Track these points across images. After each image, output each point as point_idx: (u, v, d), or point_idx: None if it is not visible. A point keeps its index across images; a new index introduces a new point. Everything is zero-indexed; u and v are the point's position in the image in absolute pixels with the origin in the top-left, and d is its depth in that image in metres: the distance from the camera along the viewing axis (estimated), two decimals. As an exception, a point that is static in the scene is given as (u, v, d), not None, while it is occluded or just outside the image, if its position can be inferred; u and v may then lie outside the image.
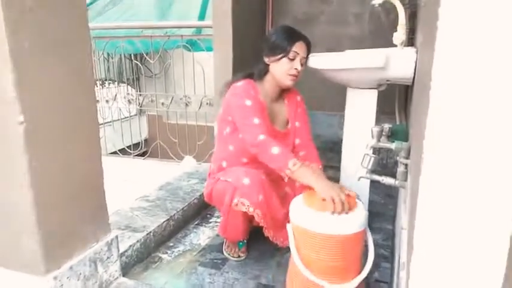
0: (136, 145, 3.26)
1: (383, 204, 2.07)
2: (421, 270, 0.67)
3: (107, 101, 3.13)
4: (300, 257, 1.23)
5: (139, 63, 3.42)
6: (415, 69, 1.46)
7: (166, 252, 1.63)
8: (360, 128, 1.68)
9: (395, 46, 1.72)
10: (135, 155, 3.04)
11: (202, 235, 1.78)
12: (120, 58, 3.96)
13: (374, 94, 1.68)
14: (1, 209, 1.04)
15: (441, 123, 0.64)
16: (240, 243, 1.58)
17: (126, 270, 1.41)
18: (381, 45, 1.86)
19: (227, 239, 1.59)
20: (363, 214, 1.22)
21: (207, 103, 2.71)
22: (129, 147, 3.13)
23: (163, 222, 1.68)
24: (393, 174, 1.38)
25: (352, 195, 1.26)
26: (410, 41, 2.02)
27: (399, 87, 2.28)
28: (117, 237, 1.29)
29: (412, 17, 2.09)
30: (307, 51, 1.50)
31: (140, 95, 3.19)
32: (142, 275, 1.46)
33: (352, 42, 2.45)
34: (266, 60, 1.50)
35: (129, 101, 3.15)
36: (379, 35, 2.32)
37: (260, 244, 1.61)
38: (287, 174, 1.33)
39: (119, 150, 3.18)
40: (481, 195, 0.62)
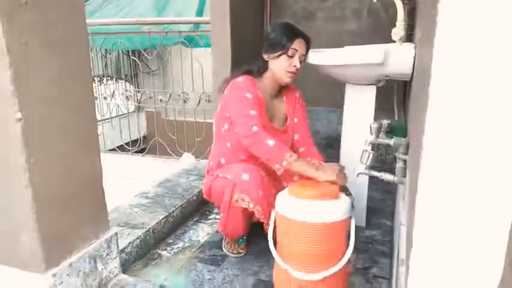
0: (135, 142, 3.25)
1: (382, 200, 2.08)
2: (420, 266, 0.67)
3: (104, 98, 3.11)
4: (281, 245, 1.25)
5: (137, 60, 3.41)
6: (413, 65, 1.46)
7: (166, 249, 1.63)
8: (359, 124, 1.68)
9: (394, 42, 1.72)
10: (134, 152, 3.03)
11: (202, 232, 1.78)
12: (118, 54, 3.95)
13: (373, 90, 1.68)
14: (1, 206, 1.04)
15: (440, 119, 0.64)
16: (240, 240, 1.58)
17: (125, 267, 1.41)
18: (379, 41, 1.86)
19: (227, 236, 1.59)
20: (343, 204, 1.22)
21: (206, 99, 2.71)
22: (127, 144, 3.12)
23: (162, 219, 1.68)
24: (392, 170, 1.38)
25: (337, 184, 1.28)
26: (409, 37, 2.02)
27: (398, 83, 2.28)
28: (117, 234, 1.29)
29: (411, 13, 2.09)
30: (306, 48, 1.50)
31: (138, 91, 3.17)
32: (142, 272, 1.47)
33: (351, 37, 2.44)
34: (265, 57, 1.50)
35: (127, 97, 3.14)
36: (378, 30, 2.31)
37: (259, 240, 1.62)
38: (284, 165, 1.33)
39: (117, 147, 3.17)
40: (480, 191, 0.62)
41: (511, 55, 0.57)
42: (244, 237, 1.59)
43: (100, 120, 3.20)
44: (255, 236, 1.62)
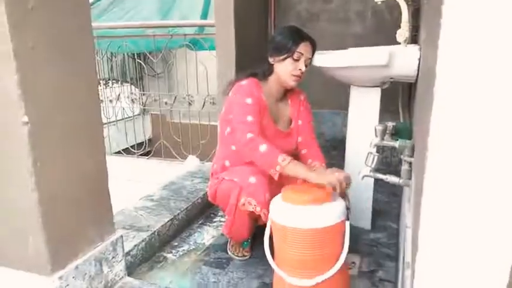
0: (140, 144, 3.27)
1: (387, 203, 2.06)
2: (426, 270, 0.67)
3: (110, 101, 3.13)
4: (277, 251, 1.25)
5: (142, 63, 3.43)
6: (418, 67, 1.45)
7: (171, 252, 1.63)
8: (364, 126, 1.68)
9: (398, 43, 1.71)
10: (139, 155, 3.05)
11: (207, 234, 1.78)
12: (123, 58, 3.97)
13: (377, 92, 1.68)
14: (7, 209, 1.05)
15: (445, 121, 0.64)
16: (245, 243, 1.58)
17: (131, 269, 1.42)
18: (384, 42, 1.85)
19: (232, 239, 1.59)
20: (335, 208, 1.21)
21: (210, 102, 2.71)
22: (132, 147, 3.14)
23: (167, 221, 1.69)
24: (397, 173, 1.38)
25: (328, 188, 1.25)
26: (414, 38, 2.01)
27: (403, 85, 2.27)
28: (122, 236, 1.30)
29: (416, 14, 2.08)
30: (312, 51, 1.50)
31: (143, 94, 3.19)
32: (147, 275, 1.47)
33: (355, 40, 2.44)
34: (270, 60, 1.50)
35: (133, 100, 3.16)
36: (383, 32, 2.31)
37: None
38: (277, 170, 1.32)
39: (122, 149, 3.19)
40: (486, 193, 0.62)
41: (516, 57, 0.56)
42: (249, 240, 1.59)
43: (106, 123, 3.22)
44: (260, 239, 1.61)
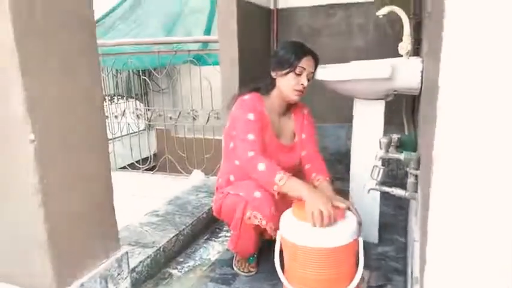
0: (146, 159, 3.28)
1: (394, 216, 2.04)
2: (435, 285, 0.66)
3: (115, 117, 3.16)
4: (289, 268, 1.24)
5: (147, 79, 3.46)
6: (421, 79, 1.46)
7: (177, 268, 1.62)
8: (368, 139, 1.67)
9: (401, 56, 1.72)
10: (145, 170, 3.05)
11: (212, 250, 1.77)
12: (129, 74, 4.02)
13: (381, 105, 1.68)
14: (12, 227, 1.05)
15: (449, 134, 0.64)
16: (251, 258, 1.57)
17: (136, 286, 1.41)
18: (386, 55, 1.87)
19: (238, 254, 1.57)
20: (350, 226, 1.20)
21: (215, 117, 2.73)
22: (138, 162, 3.15)
23: (172, 237, 1.68)
24: (403, 186, 1.37)
25: (341, 206, 1.25)
26: (416, 51, 2.02)
27: (406, 97, 2.27)
28: (127, 253, 1.29)
29: (417, 28, 2.10)
30: (314, 66, 1.51)
31: (148, 109, 3.22)
32: (152, 291, 1.46)
33: (358, 53, 2.46)
34: (273, 74, 1.51)
35: (138, 116, 3.18)
36: (385, 45, 2.32)
37: (271, 258, 1.59)
38: (275, 190, 1.32)
39: (128, 165, 3.20)
40: (493, 207, 0.61)
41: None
42: (255, 256, 1.58)
43: (111, 139, 3.24)
44: (266, 254, 1.60)
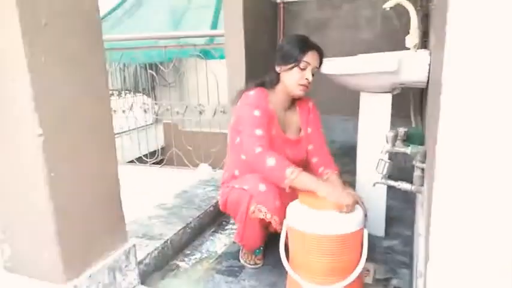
0: (153, 153, 3.31)
1: (401, 209, 2.04)
2: (437, 280, 0.66)
3: (123, 111, 3.19)
4: (293, 256, 1.26)
5: (154, 73, 3.48)
6: (429, 72, 1.44)
7: (184, 260, 1.64)
8: (375, 132, 1.66)
9: (408, 49, 1.70)
10: (152, 163, 3.08)
11: (219, 242, 1.79)
12: (136, 68, 4.04)
13: (388, 98, 1.66)
14: (23, 219, 1.08)
15: (453, 128, 0.63)
16: (257, 251, 1.58)
17: (144, 278, 1.43)
18: (394, 48, 1.85)
19: (244, 247, 1.59)
20: (356, 215, 1.22)
21: (221, 111, 2.74)
22: (145, 156, 3.18)
23: (180, 230, 1.70)
24: (411, 179, 1.36)
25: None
26: (424, 44, 2.00)
27: (414, 90, 2.25)
28: (135, 245, 1.31)
29: (425, 19, 2.07)
30: (319, 60, 1.50)
31: (156, 103, 3.24)
32: (160, 283, 1.48)
33: (365, 46, 2.44)
34: (277, 69, 1.51)
35: (145, 110, 3.20)
36: (392, 38, 2.30)
37: (277, 251, 1.60)
38: (286, 184, 1.32)
39: (136, 158, 3.23)
40: (497, 202, 0.61)
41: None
42: (261, 248, 1.59)
43: (119, 133, 3.27)
44: (272, 246, 1.61)
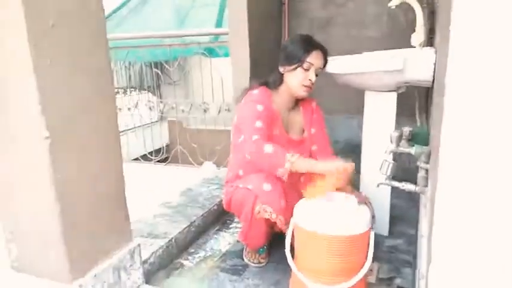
0: (158, 150, 3.33)
1: (406, 208, 2.03)
2: (439, 282, 0.66)
3: (128, 109, 3.21)
4: (299, 255, 1.27)
5: (159, 72, 3.49)
6: (434, 71, 1.43)
7: (188, 259, 1.65)
8: (380, 131, 1.66)
9: (414, 47, 1.69)
10: (157, 161, 3.10)
11: (223, 241, 1.80)
12: (141, 66, 4.06)
13: (393, 96, 1.65)
14: (30, 220, 1.09)
15: (457, 130, 0.63)
16: (261, 250, 1.59)
17: (148, 277, 1.44)
18: (401, 45, 1.83)
19: (248, 246, 1.59)
20: (364, 216, 1.22)
21: (226, 109, 2.74)
22: (150, 153, 3.20)
23: (184, 228, 1.71)
24: (415, 180, 1.36)
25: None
26: (430, 41, 1.98)
27: (419, 88, 2.23)
28: (140, 245, 1.32)
29: (431, 16, 2.05)
30: (323, 60, 1.49)
31: (161, 101, 3.25)
32: (165, 282, 1.49)
33: (371, 43, 2.41)
34: (281, 69, 1.50)
35: (150, 108, 3.22)
36: (398, 35, 2.28)
37: (281, 249, 1.60)
38: (287, 168, 1.31)
39: (141, 156, 3.25)
40: (501, 205, 0.61)
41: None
42: (265, 247, 1.59)
43: (124, 130, 3.29)
44: (276, 245, 1.62)
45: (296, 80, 1.47)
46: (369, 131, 1.71)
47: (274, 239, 1.60)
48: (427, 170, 1.28)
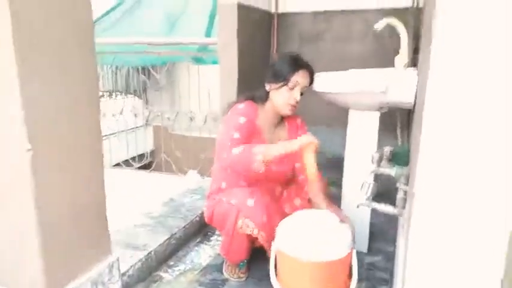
0: (141, 156, 3.29)
1: (385, 224, 2.06)
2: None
3: (113, 115, 3.16)
4: (283, 279, 1.26)
5: (146, 79, 3.44)
6: (416, 93, 1.46)
7: (167, 271, 1.64)
8: (362, 149, 1.68)
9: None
10: (140, 166, 3.06)
11: (204, 254, 1.79)
12: (128, 70, 4.02)
13: (376, 116, 1.68)
14: (7, 231, 1.07)
15: (434, 152, 0.64)
16: (241, 264, 1.59)
17: (127, 289, 1.43)
18: (386, 63, 1.87)
19: (228, 260, 1.59)
20: (345, 239, 1.23)
21: (212, 117, 2.74)
22: (133, 159, 3.15)
23: (165, 240, 1.69)
24: (394, 200, 1.38)
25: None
26: (414, 61, 2.03)
27: (400, 109, 2.28)
28: (118, 258, 1.31)
29: (417, 37, 2.10)
30: (309, 79, 1.52)
31: (147, 108, 3.23)
32: (143, 294, 1.48)
33: (357, 60, 2.46)
34: (267, 87, 1.52)
35: (135, 114, 3.18)
36: (384, 53, 2.33)
37: (261, 264, 1.62)
38: (259, 159, 1.31)
39: (123, 161, 3.20)
40: (478, 227, 0.62)
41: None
42: (245, 261, 1.59)
43: (107, 135, 3.24)
44: (256, 259, 1.62)
45: (281, 98, 1.49)
46: (352, 149, 1.74)
47: (255, 253, 1.60)
48: (406, 191, 1.30)
